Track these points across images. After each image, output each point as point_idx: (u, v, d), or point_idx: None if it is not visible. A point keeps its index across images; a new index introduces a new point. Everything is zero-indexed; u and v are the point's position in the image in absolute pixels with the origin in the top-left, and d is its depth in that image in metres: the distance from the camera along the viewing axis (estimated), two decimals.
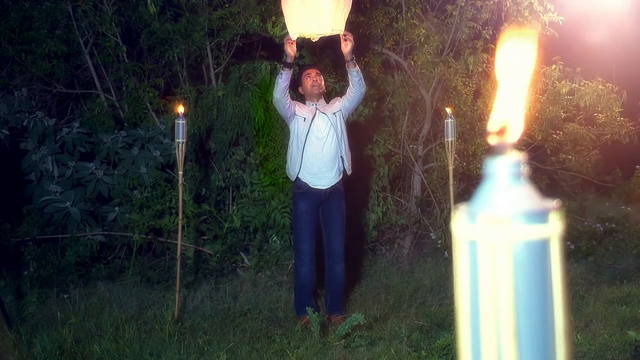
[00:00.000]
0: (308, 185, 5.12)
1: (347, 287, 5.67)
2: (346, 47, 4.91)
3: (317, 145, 5.09)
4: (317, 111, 5.13)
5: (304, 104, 5.25)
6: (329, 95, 5.89)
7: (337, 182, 5.16)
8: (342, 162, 5.17)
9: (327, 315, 5.23)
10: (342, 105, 5.19)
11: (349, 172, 5.23)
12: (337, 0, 4.69)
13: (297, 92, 5.54)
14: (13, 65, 7.09)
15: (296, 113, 5.12)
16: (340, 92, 6.00)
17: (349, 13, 4.90)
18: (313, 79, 5.18)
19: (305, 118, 5.10)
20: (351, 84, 5.08)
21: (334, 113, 5.15)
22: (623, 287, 5.88)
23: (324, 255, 5.31)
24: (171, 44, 6.79)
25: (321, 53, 6.71)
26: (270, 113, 6.29)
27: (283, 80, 4.94)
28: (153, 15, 6.65)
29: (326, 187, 5.13)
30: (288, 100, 5.05)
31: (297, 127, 5.12)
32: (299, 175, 5.13)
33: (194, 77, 7.17)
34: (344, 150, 5.17)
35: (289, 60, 4.93)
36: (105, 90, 7.26)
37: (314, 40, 5.01)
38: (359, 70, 5.03)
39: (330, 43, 6.76)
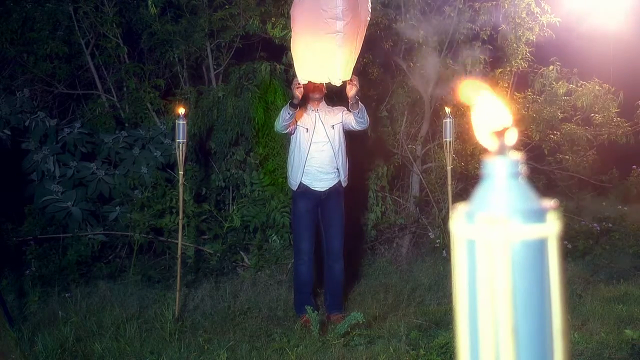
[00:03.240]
0: (307, 187, 5.16)
1: (347, 286, 5.70)
2: (351, 90, 4.90)
3: (316, 150, 5.12)
4: (317, 120, 5.15)
5: (305, 106, 5.25)
6: (330, 98, 5.88)
7: (336, 183, 5.20)
8: (338, 173, 5.19)
9: (327, 314, 5.26)
10: (343, 121, 5.19)
11: (344, 184, 5.24)
12: (349, 55, 4.68)
13: None
14: (15, 66, 7.10)
15: (298, 124, 5.15)
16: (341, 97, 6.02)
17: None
18: (314, 84, 5.18)
19: (307, 129, 5.12)
20: (355, 121, 5.08)
21: (333, 125, 5.15)
22: (620, 286, 5.92)
23: (323, 255, 5.34)
24: (172, 45, 6.82)
25: None
26: (270, 113, 6.32)
27: (289, 117, 4.97)
28: (154, 16, 6.68)
29: (325, 188, 5.16)
30: (290, 128, 5.10)
31: (299, 138, 5.14)
32: (300, 181, 5.16)
33: (194, 78, 7.20)
34: (340, 163, 5.17)
35: (295, 102, 4.94)
36: (106, 91, 7.28)
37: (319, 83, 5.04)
38: (362, 109, 5.01)
39: None
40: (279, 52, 6.59)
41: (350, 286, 5.91)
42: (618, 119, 7.35)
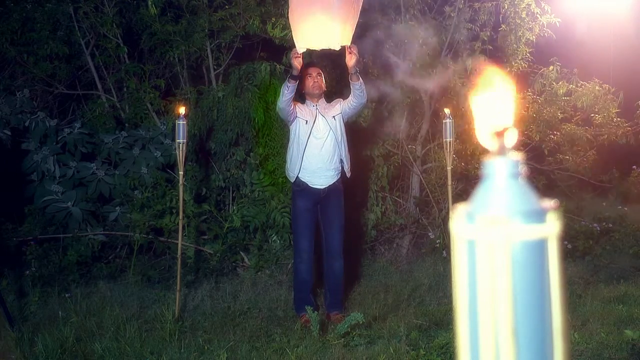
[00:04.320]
0: (307, 184, 5.16)
1: (347, 286, 5.70)
2: (351, 60, 4.91)
3: (316, 146, 5.12)
4: (317, 113, 5.16)
5: (304, 103, 5.28)
6: (330, 96, 5.91)
7: (336, 181, 5.20)
8: (342, 164, 5.20)
9: (326, 313, 5.26)
10: (342, 109, 5.21)
11: (348, 175, 5.26)
12: (346, 17, 4.69)
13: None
14: (15, 67, 7.11)
15: (298, 115, 5.15)
16: (339, 93, 6.03)
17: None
18: (314, 79, 5.20)
19: (307, 121, 5.12)
20: (353, 94, 5.09)
21: (334, 116, 5.17)
22: (620, 287, 5.92)
23: (323, 253, 5.34)
24: (172, 45, 6.82)
25: (321, 54, 6.74)
26: (270, 113, 6.33)
27: (289, 92, 4.96)
28: (154, 16, 6.68)
29: (324, 186, 5.16)
30: (291, 108, 5.08)
31: (298, 129, 5.15)
32: (298, 176, 5.16)
33: (195, 78, 7.20)
34: (343, 153, 5.19)
35: (295, 73, 4.94)
36: (106, 91, 7.29)
37: (317, 49, 5.02)
38: (362, 83, 5.03)
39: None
40: (279, 52, 6.60)
41: (350, 286, 5.91)
42: (618, 119, 7.35)
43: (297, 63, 4.90)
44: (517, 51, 6.85)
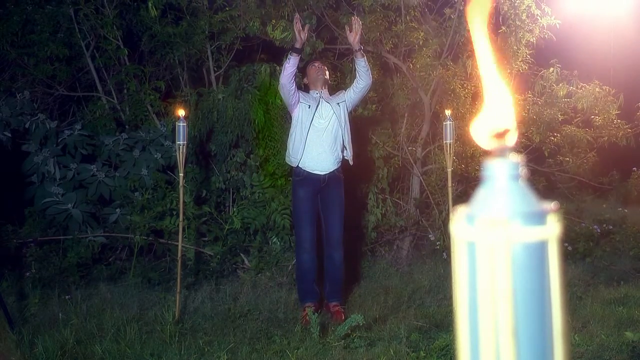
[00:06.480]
0: (307, 172, 5.16)
1: (347, 287, 5.69)
2: (355, 37, 5.00)
3: (319, 131, 5.15)
4: (321, 100, 5.20)
5: (307, 92, 5.33)
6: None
7: (336, 169, 5.21)
8: (344, 151, 5.23)
9: (325, 302, 5.26)
10: (347, 96, 5.25)
11: (351, 162, 5.29)
12: None
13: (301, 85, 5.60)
14: (15, 68, 7.11)
15: (300, 100, 5.18)
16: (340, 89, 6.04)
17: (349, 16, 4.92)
18: (318, 68, 5.27)
19: (310, 105, 5.16)
20: (358, 74, 5.14)
21: (338, 103, 5.22)
22: (620, 288, 5.92)
23: (323, 244, 5.34)
24: (172, 47, 6.83)
25: (322, 55, 6.75)
26: (270, 115, 6.34)
27: (291, 65, 4.98)
28: (154, 18, 6.69)
29: (325, 172, 5.17)
30: (294, 87, 5.10)
31: (300, 114, 5.17)
32: (300, 161, 5.17)
33: (195, 80, 7.21)
34: (346, 140, 5.23)
35: (298, 45, 4.99)
36: (106, 93, 7.29)
37: None
38: (367, 61, 5.08)
39: (331, 45, 6.80)
40: (279, 54, 6.60)
41: (350, 288, 5.91)
42: (618, 121, 7.35)
43: (300, 35, 4.95)
44: (518, 53, 6.85)
